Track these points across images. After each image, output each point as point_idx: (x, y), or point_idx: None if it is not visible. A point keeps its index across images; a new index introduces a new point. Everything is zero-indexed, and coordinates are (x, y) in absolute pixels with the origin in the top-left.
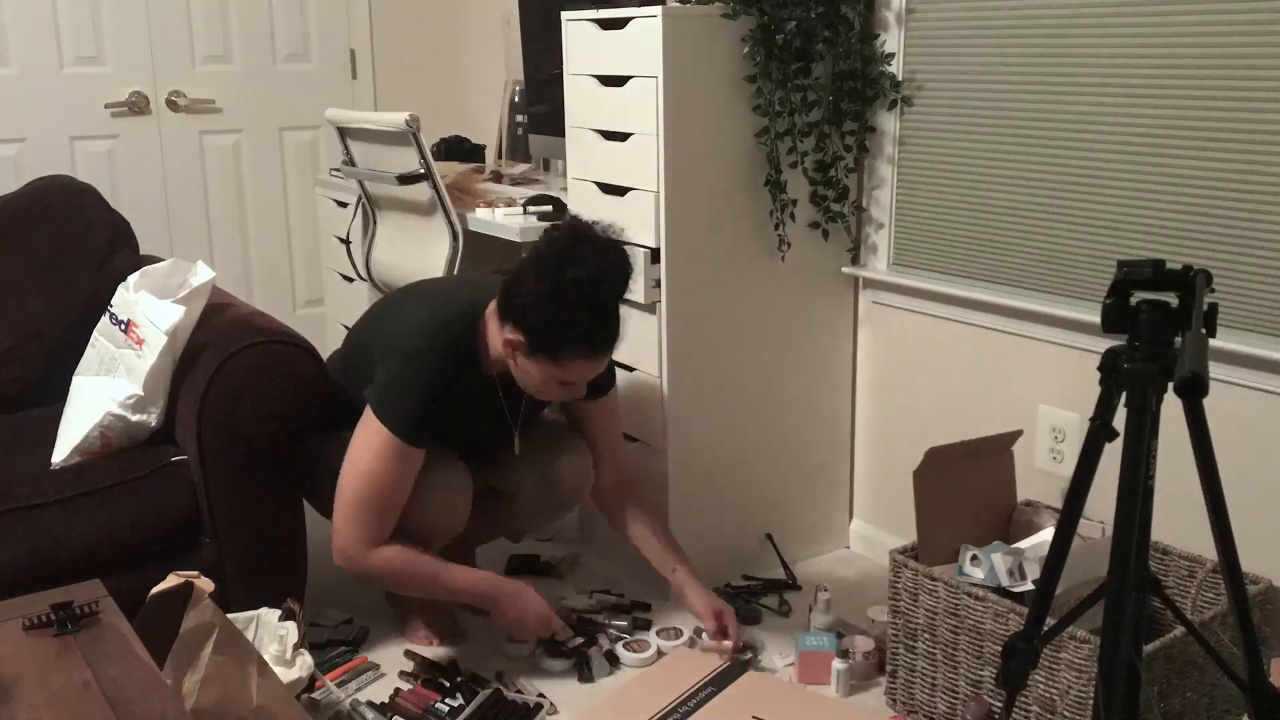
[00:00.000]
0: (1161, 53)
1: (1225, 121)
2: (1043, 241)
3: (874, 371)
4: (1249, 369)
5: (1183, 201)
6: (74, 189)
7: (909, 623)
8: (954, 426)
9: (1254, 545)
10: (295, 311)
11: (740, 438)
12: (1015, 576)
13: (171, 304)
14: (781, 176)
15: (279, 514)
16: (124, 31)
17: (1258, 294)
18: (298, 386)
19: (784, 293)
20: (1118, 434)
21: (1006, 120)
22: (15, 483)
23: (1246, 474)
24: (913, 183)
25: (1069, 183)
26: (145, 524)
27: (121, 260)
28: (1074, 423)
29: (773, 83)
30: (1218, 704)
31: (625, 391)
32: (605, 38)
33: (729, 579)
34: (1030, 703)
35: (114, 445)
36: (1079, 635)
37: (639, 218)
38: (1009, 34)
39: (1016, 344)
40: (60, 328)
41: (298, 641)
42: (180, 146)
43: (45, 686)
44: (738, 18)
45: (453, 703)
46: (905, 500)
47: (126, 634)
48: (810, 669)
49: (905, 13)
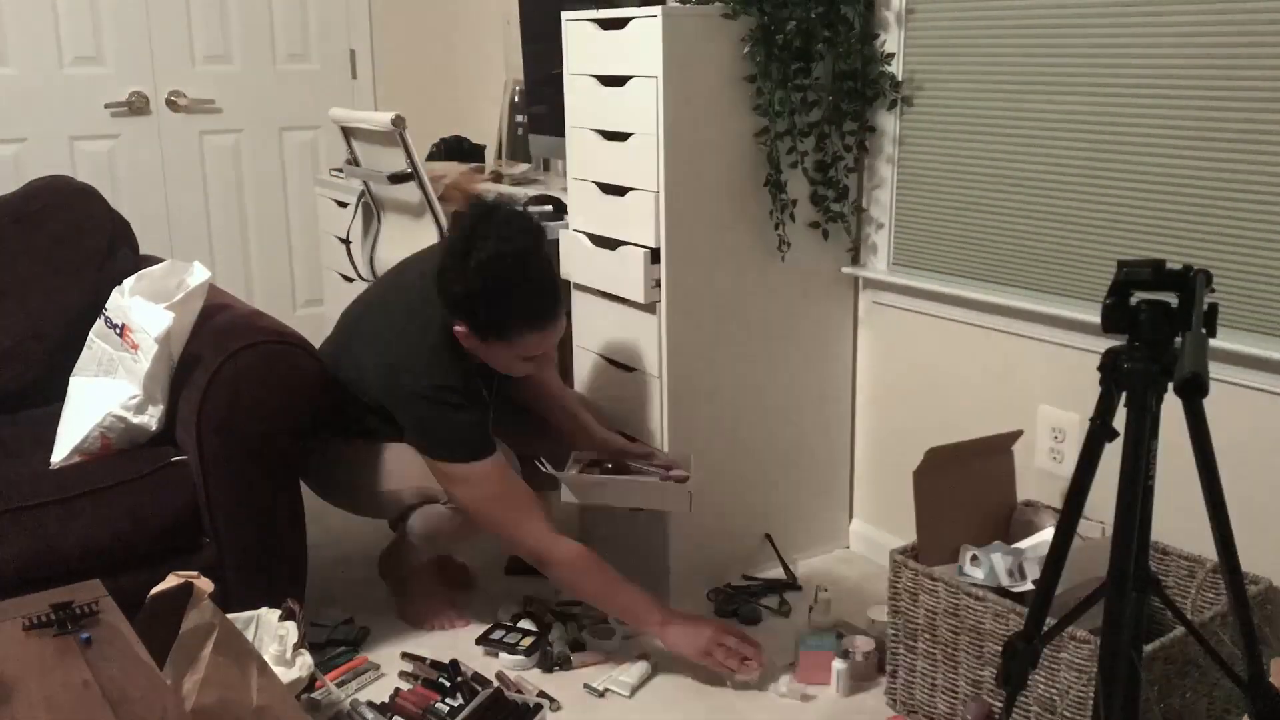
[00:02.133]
0: (1161, 53)
1: (1225, 121)
2: (1043, 241)
3: (874, 371)
4: (1249, 369)
5: (1183, 201)
6: (74, 189)
7: (909, 623)
8: (954, 426)
9: (1254, 545)
10: (295, 311)
11: (740, 438)
12: (1015, 576)
13: (163, 309)
14: (781, 176)
15: (279, 514)
16: (124, 31)
17: (1258, 294)
18: (298, 386)
19: (784, 293)
20: (1118, 434)
21: (1006, 120)
22: (15, 483)
23: (1246, 474)
24: (913, 183)
25: (1069, 183)
26: (145, 524)
27: (121, 260)
28: (1074, 423)
29: (773, 83)
30: (1218, 704)
31: (625, 391)
32: (605, 38)
33: (729, 579)
34: (1030, 703)
35: (114, 446)
36: (1079, 635)
37: (639, 218)
38: (1009, 34)
39: (1016, 344)
40: (60, 328)
41: (298, 641)
42: (180, 146)
43: (45, 686)
44: (738, 18)
45: (453, 703)
46: (905, 500)
47: (126, 634)
48: (810, 669)
49: (905, 13)
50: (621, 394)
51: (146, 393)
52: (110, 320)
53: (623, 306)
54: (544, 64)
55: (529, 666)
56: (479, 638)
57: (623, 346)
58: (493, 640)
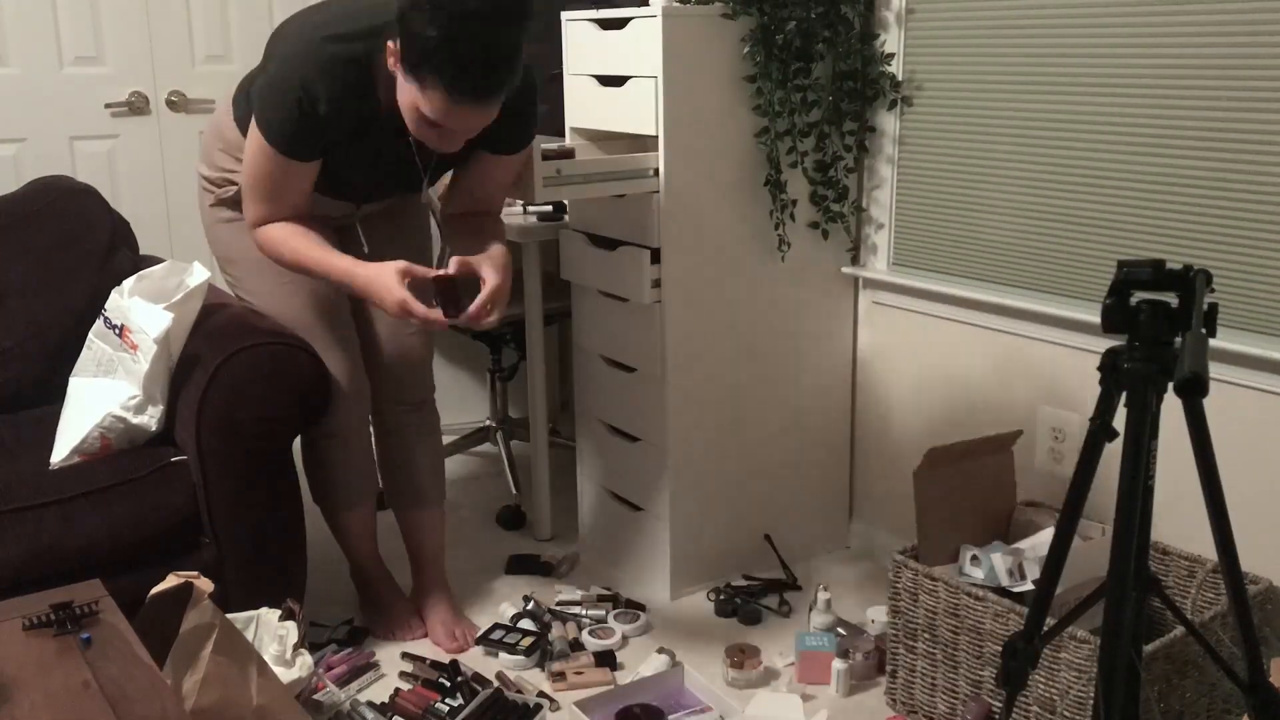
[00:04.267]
0: (1161, 53)
1: (1225, 121)
2: (1043, 241)
3: (874, 372)
4: (1249, 369)
5: (1183, 201)
6: (74, 189)
7: (909, 623)
8: (954, 426)
9: (1254, 545)
10: None
11: (740, 437)
12: (1015, 576)
13: (162, 310)
14: (781, 176)
15: (279, 514)
16: (124, 31)
17: (1258, 294)
18: (297, 386)
19: (784, 293)
20: (1118, 434)
21: (1006, 120)
22: (15, 483)
23: (1246, 474)
24: (913, 183)
25: (1069, 183)
26: (145, 524)
27: (121, 260)
28: (1074, 423)
29: (773, 83)
30: (1218, 704)
31: (625, 390)
32: (605, 38)
33: (729, 579)
34: (1030, 703)
35: (114, 447)
36: (1079, 635)
37: (639, 217)
38: (1009, 34)
39: (1016, 344)
40: (60, 327)
41: (298, 641)
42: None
43: (45, 686)
44: (738, 18)
45: (453, 703)
46: (905, 500)
47: (126, 634)
48: (810, 669)
49: (905, 13)
50: (622, 394)
51: (146, 393)
52: (110, 320)
53: (623, 306)
54: (544, 64)
55: (529, 666)
56: (479, 638)
57: (623, 346)
58: (493, 640)
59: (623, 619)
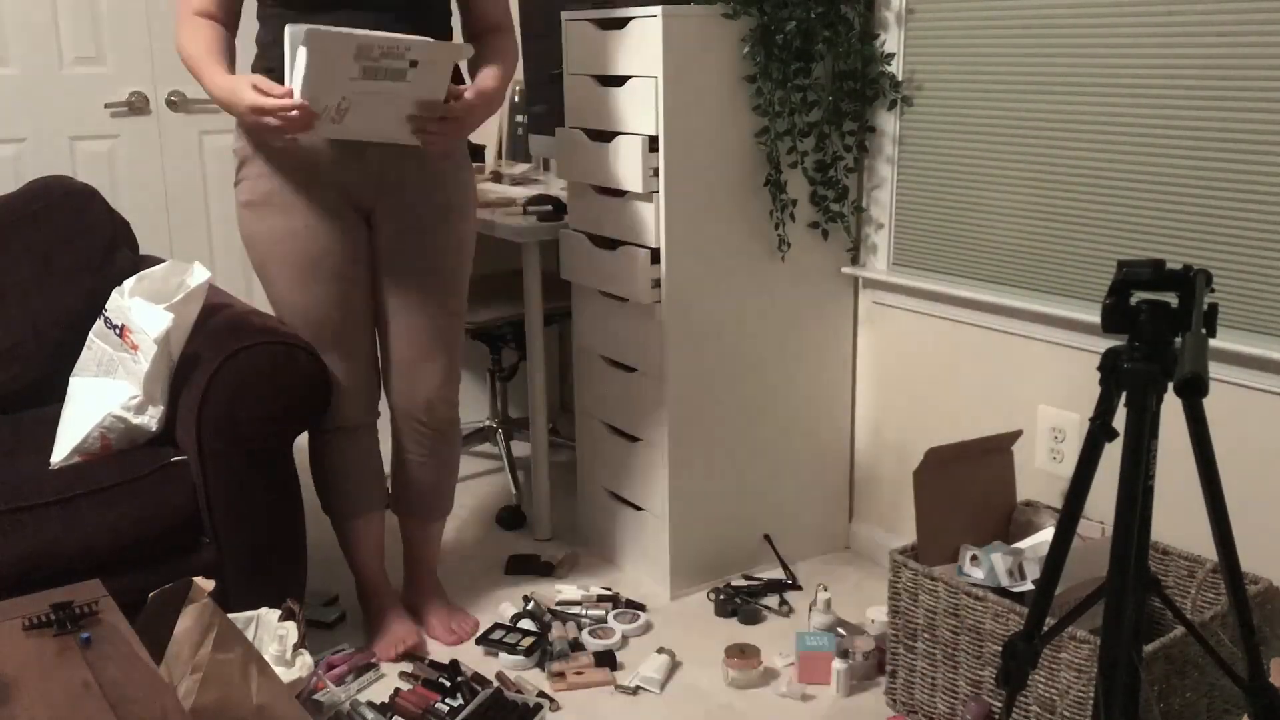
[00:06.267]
0: (1161, 53)
1: (1225, 121)
2: (1043, 241)
3: (874, 371)
4: (1249, 369)
5: (1183, 201)
6: (74, 189)
7: (909, 623)
8: (954, 426)
9: (1254, 545)
10: None
11: (740, 437)
12: (1015, 576)
13: (162, 310)
14: (781, 176)
15: (279, 514)
16: (124, 31)
17: (1258, 294)
18: (298, 386)
19: (784, 293)
20: (1118, 434)
21: (1006, 120)
22: (15, 483)
23: (1246, 474)
24: (913, 183)
25: (1069, 183)
26: (145, 524)
27: (121, 260)
28: (1074, 423)
29: (773, 83)
30: (1218, 704)
31: (626, 391)
32: (605, 38)
33: (729, 579)
34: (1030, 703)
35: (114, 447)
36: (1079, 635)
37: (639, 218)
38: (1009, 34)
39: (1016, 344)
40: (60, 327)
41: (298, 641)
42: (180, 146)
43: (45, 686)
44: (738, 18)
45: (453, 703)
46: (905, 500)
47: (126, 634)
48: (810, 669)
49: (905, 13)
50: (622, 394)
51: (146, 393)
52: (110, 321)
53: (623, 306)
54: (544, 64)
55: (529, 666)
56: (479, 638)
57: (623, 346)
58: (493, 640)
59: (622, 619)
